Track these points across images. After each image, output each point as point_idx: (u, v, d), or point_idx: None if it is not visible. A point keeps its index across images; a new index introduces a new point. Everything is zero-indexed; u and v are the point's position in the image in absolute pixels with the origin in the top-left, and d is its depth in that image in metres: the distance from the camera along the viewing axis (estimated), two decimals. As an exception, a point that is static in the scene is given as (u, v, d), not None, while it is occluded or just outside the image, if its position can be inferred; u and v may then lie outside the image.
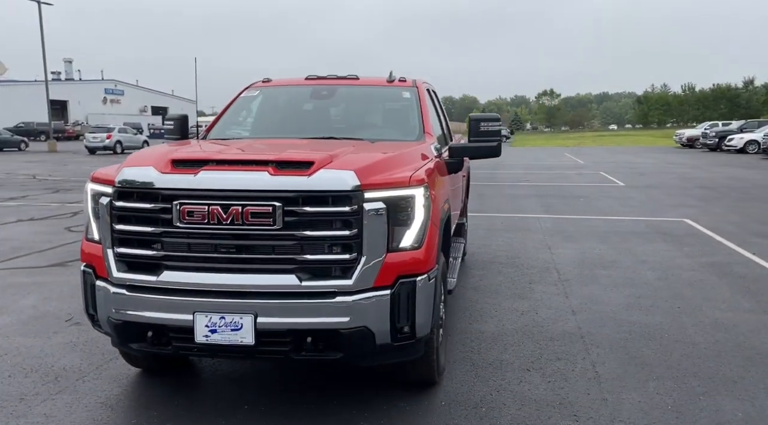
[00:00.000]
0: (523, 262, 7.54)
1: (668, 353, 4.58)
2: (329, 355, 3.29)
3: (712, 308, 5.65)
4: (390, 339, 3.31)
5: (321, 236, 3.16)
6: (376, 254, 3.21)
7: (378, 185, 3.23)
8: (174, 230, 3.20)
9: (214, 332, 3.17)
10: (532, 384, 4.04)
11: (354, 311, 3.17)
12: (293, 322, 3.16)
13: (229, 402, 3.77)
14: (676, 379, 4.12)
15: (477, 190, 15.83)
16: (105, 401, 3.75)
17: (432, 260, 3.45)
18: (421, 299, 3.35)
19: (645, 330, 5.07)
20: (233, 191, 3.15)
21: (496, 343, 4.78)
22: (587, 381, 4.08)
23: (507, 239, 9.00)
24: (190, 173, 3.22)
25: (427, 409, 3.68)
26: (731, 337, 4.91)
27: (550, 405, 3.73)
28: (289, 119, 5.07)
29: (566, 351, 4.63)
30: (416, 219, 3.36)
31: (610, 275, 6.90)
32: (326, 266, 3.20)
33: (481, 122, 4.68)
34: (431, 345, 3.70)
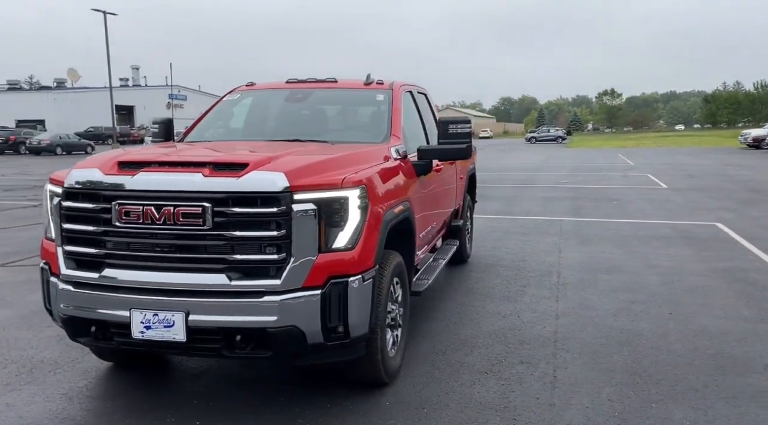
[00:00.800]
0: (527, 265, 7.44)
1: (639, 360, 4.47)
2: (260, 353, 3.38)
3: (706, 315, 5.46)
4: (322, 339, 3.38)
5: (250, 236, 3.26)
6: (306, 254, 3.28)
7: (309, 186, 3.30)
8: (113, 229, 3.36)
9: (149, 328, 3.32)
10: (484, 387, 4.02)
11: (281, 310, 3.25)
12: (223, 320, 3.27)
13: (182, 397, 3.92)
14: (635, 386, 4.02)
15: (510, 192, 15.70)
16: (67, 392, 3.95)
17: (367, 262, 3.49)
18: (355, 300, 3.40)
19: (624, 336, 4.95)
20: (165, 191, 3.29)
21: (465, 346, 4.77)
22: (541, 386, 4.03)
23: (520, 242, 8.89)
24: (128, 175, 3.38)
25: (370, 408, 3.72)
26: (713, 345, 4.74)
27: (493, 409, 3.71)
28: (263, 122, 5.21)
29: (532, 355, 4.57)
30: (350, 221, 3.41)
31: (611, 279, 6.74)
32: (255, 266, 3.30)
33: (450, 124, 4.69)
34: (374, 345, 3.74)
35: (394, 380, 4.10)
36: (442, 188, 5.68)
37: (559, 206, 13.04)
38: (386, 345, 3.89)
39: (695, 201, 13.50)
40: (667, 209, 12.33)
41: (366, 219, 3.49)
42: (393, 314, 4.07)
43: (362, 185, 3.48)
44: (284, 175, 3.27)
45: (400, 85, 5.23)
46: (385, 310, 3.84)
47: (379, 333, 3.75)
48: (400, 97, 5.05)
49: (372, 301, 3.56)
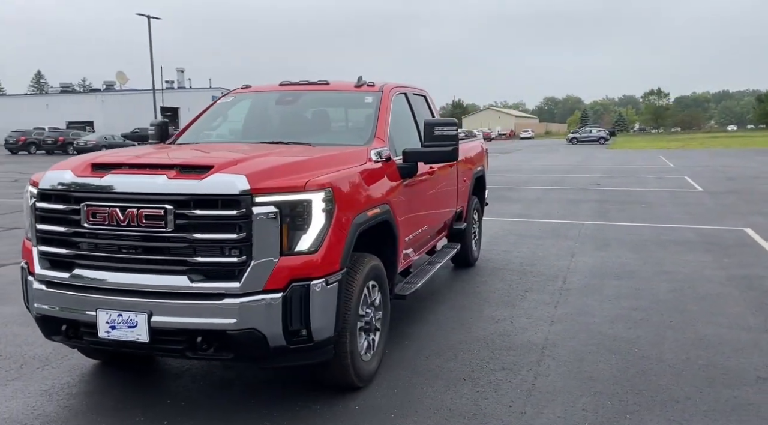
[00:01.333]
0: (534, 269, 7.32)
1: (625, 369, 4.34)
2: (222, 355, 3.41)
3: (708, 324, 5.28)
4: (285, 342, 3.38)
5: (211, 238, 3.29)
6: (267, 257, 3.30)
7: (270, 189, 3.31)
8: (82, 230, 3.44)
9: (114, 328, 3.38)
10: (458, 393, 3.97)
11: (241, 313, 3.27)
12: (184, 322, 3.31)
13: (156, 396, 3.98)
14: (614, 396, 3.91)
15: (536, 194, 15.48)
16: (48, 389, 4.06)
17: (331, 264, 3.48)
18: (318, 303, 3.40)
19: (616, 344, 4.82)
20: (129, 193, 3.35)
21: (450, 351, 4.71)
22: (517, 393, 3.96)
23: (533, 246, 8.75)
24: (98, 177, 3.45)
25: (337, 412, 3.72)
26: (707, 355, 4.57)
27: (463, 416, 3.66)
28: (252, 124, 5.26)
29: (516, 361, 4.49)
30: (314, 224, 3.41)
31: (619, 285, 6.57)
32: (217, 269, 3.33)
33: (436, 127, 4.65)
34: (343, 349, 3.73)
35: (369, 384, 4.08)
36: (437, 191, 5.63)
37: (583, 209, 12.79)
38: (357, 348, 3.87)
39: (729, 205, 13.06)
40: (697, 213, 11.96)
41: (331, 222, 3.49)
42: (368, 318, 4.05)
43: (327, 188, 3.47)
44: (245, 178, 3.29)
45: (391, 88, 5.21)
46: (356, 313, 3.83)
47: (348, 337, 3.73)
48: (389, 99, 5.03)
49: (338, 304, 3.55)
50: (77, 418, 3.65)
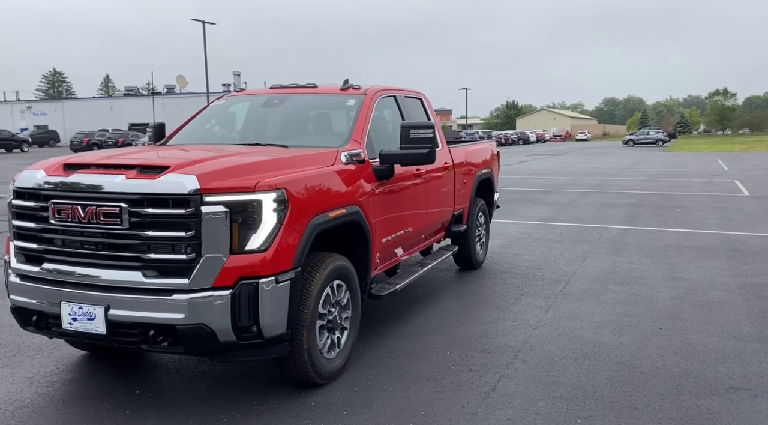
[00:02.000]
0: (539, 273, 7.24)
1: (594, 374, 4.29)
2: (175, 349, 3.56)
3: (699, 332, 5.14)
4: (235, 338, 3.50)
5: (162, 236, 3.44)
6: (216, 255, 3.42)
7: (220, 189, 3.44)
8: (49, 226, 3.65)
9: (75, 320, 3.57)
10: (416, 392, 4.01)
11: (189, 308, 3.40)
12: (138, 316, 3.47)
13: (127, 386, 4.17)
14: (572, 401, 3.87)
15: (570, 197, 15.22)
16: (31, 377, 4.30)
17: (283, 263, 3.58)
18: (268, 301, 3.51)
19: (594, 349, 4.75)
20: (89, 192, 3.53)
21: (424, 351, 4.75)
22: (475, 395, 3.97)
23: (547, 250, 8.64)
24: (64, 176, 3.66)
25: (292, 407, 3.81)
26: (685, 363, 4.47)
27: (413, 415, 3.70)
28: (237, 126, 5.42)
29: (486, 364, 4.49)
30: (264, 223, 3.52)
31: (620, 291, 6.45)
32: (168, 265, 3.47)
33: (411, 129, 4.70)
34: (299, 346, 3.82)
35: (333, 381, 4.16)
36: (427, 192, 5.66)
37: (614, 213, 12.51)
38: (316, 346, 3.95)
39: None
40: (733, 219, 11.54)
41: (283, 222, 3.59)
42: (331, 317, 4.13)
43: (279, 188, 3.58)
44: (196, 178, 3.42)
45: (375, 91, 5.27)
46: (315, 312, 3.91)
47: (305, 335, 3.82)
48: (372, 103, 5.10)
49: (290, 302, 3.64)
50: (48, 405, 3.86)
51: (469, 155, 6.97)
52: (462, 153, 6.80)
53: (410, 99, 6.03)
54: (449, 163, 6.27)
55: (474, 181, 7.08)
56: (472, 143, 7.65)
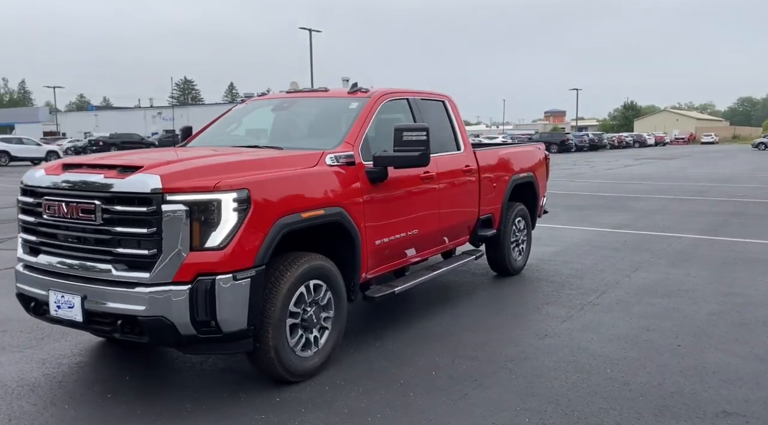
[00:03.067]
0: (578, 283, 6.93)
1: (578, 389, 4.09)
2: (141, 339, 3.78)
3: (721, 352, 4.76)
4: (195, 332, 3.67)
5: (129, 232, 3.68)
6: (176, 251, 3.61)
7: (181, 189, 3.62)
8: (43, 220, 4.00)
9: (60, 308, 3.89)
10: (382, 397, 3.99)
11: (150, 301, 3.61)
12: (108, 306, 3.72)
13: (119, 372, 4.46)
14: (536, 414, 3.73)
15: (658, 204, 14.44)
16: (46, 358, 4.69)
17: (242, 261, 3.70)
18: (225, 297, 3.65)
19: (591, 363, 4.53)
20: (71, 189, 3.84)
21: (412, 356, 4.71)
22: (441, 402, 3.91)
23: (599, 259, 8.24)
24: (57, 174, 3.99)
25: (256, 402, 3.92)
26: (684, 383, 4.16)
27: (366, 416, 3.71)
28: (246, 130, 5.62)
29: (469, 371, 4.40)
30: (224, 222, 3.66)
31: (656, 304, 6.06)
32: (134, 260, 3.70)
33: (404, 132, 4.69)
34: (265, 343, 3.93)
35: (308, 379, 4.22)
36: (439, 195, 5.59)
37: (698, 221, 11.67)
38: (284, 344, 4.03)
39: None
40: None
41: (244, 221, 3.71)
42: (306, 316, 4.20)
43: (241, 188, 3.71)
44: (159, 178, 3.62)
45: (381, 94, 5.29)
46: (284, 310, 4.00)
47: (270, 332, 3.93)
48: (375, 106, 5.12)
49: (251, 299, 3.76)
50: (46, 385, 4.21)
51: (501, 159, 6.81)
52: (491, 156, 6.66)
53: (429, 102, 5.99)
54: (471, 166, 6.16)
55: (508, 185, 6.89)
56: (507, 147, 7.45)
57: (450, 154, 5.98)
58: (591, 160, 37.61)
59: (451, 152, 6.03)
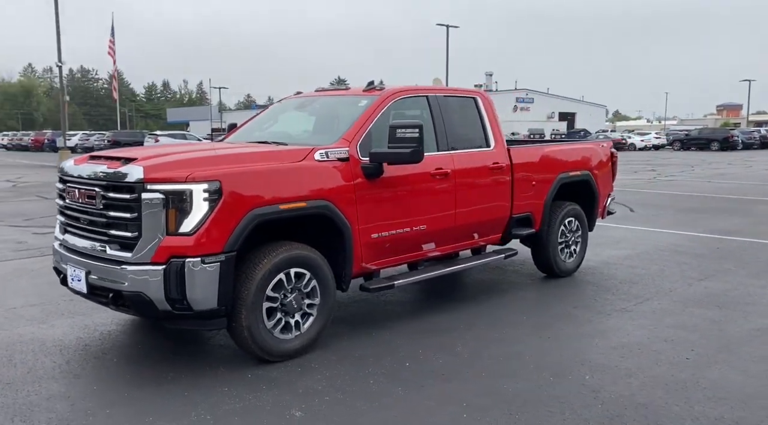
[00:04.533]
0: (627, 288, 6.57)
1: (534, 392, 3.99)
2: (128, 311, 4.26)
3: (733, 369, 4.39)
4: (170, 308, 4.08)
5: (118, 216, 4.17)
6: (153, 235, 4.03)
7: (159, 179, 4.04)
8: (67, 204, 4.61)
9: (73, 280, 4.48)
10: (331, 381, 4.16)
11: (131, 278, 4.07)
12: (102, 280, 4.24)
13: (137, 341, 5.01)
14: (459, 407, 3.74)
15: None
16: (89, 325, 5.34)
17: (211, 247, 4.05)
18: (195, 278, 4.01)
19: (571, 369, 4.37)
20: (81, 177, 4.40)
21: (397, 348, 4.79)
22: (377, 389, 4.03)
23: (672, 265, 7.69)
24: (80, 165, 4.57)
25: (229, 376, 4.25)
26: (666, 399, 3.90)
27: (306, 396, 3.89)
28: (269, 127, 5.95)
29: (436, 366, 4.43)
30: (195, 210, 4.03)
31: (697, 315, 5.64)
32: (122, 241, 4.18)
33: (398, 129, 4.79)
34: (239, 323, 4.25)
35: (288, 360, 4.49)
36: (455, 192, 5.59)
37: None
38: (258, 325, 4.32)
39: None
40: None
41: (214, 210, 4.05)
42: (286, 301, 4.46)
43: (213, 180, 4.05)
44: (142, 169, 4.07)
45: (392, 92, 5.40)
46: (260, 294, 4.29)
47: (244, 313, 4.24)
48: (383, 104, 5.24)
49: (221, 282, 4.09)
50: (72, 345, 4.86)
51: (544, 157, 6.62)
52: (530, 154, 6.50)
53: (455, 99, 5.99)
54: (501, 163, 6.07)
55: (553, 183, 6.68)
56: (554, 144, 7.20)
57: (475, 150, 5.94)
58: (753, 159, 34.17)
59: (478, 148, 5.99)
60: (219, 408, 3.77)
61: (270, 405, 3.83)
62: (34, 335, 5.11)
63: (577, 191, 7.16)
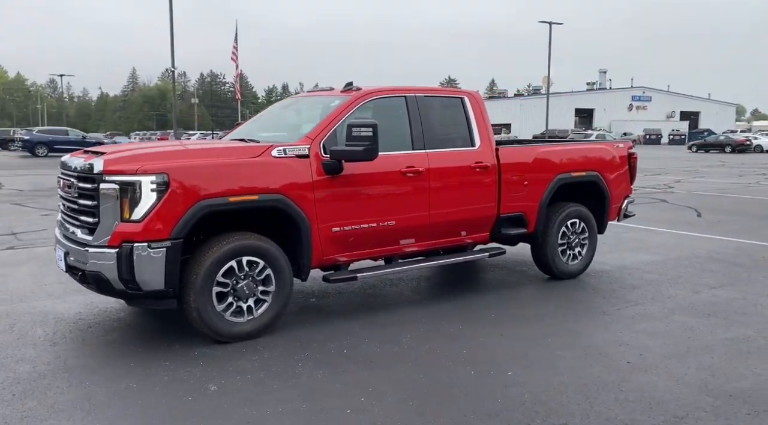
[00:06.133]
0: (622, 293, 6.39)
1: (441, 383, 4.09)
2: (93, 289, 4.79)
3: (666, 374, 4.27)
4: (123, 287, 4.56)
5: (85, 203, 4.71)
6: (110, 221, 4.53)
7: (114, 171, 4.54)
8: (60, 193, 5.24)
9: (58, 260, 5.08)
10: (270, 360, 4.46)
11: (91, 259, 4.58)
12: (76, 261, 4.79)
13: (130, 320, 5.56)
14: (359, 391, 3.91)
15: None
16: (94, 301, 5.97)
17: (157, 233, 4.46)
18: (142, 262, 4.46)
19: (498, 367, 4.40)
20: (66, 169, 4.99)
21: (344, 338, 4.99)
22: (291, 375, 4.25)
23: (691, 272, 7.32)
24: (71, 157, 5.18)
25: (177, 352, 4.66)
26: (551, 397, 3.88)
27: (223, 375, 4.22)
28: (263, 124, 6.35)
29: (374, 355, 4.61)
30: (143, 200, 4.48)
31: (682, 323, 5.41)
32: (88, 226, 4.72)
33: (354, 128, 5.02)
34: (188, 304, 4.67)
35: (239, 341, 4.84)
36: (429, 189, 5.72)
37: None
38: (209, 308, 4.70)
39: None
40: None
41: (162, 200, 4.48)
42: (238, 286, 4.82)
43: (159, 173, 4.48)
44: (102, 162, 4.58)
45: (365, 93, 5.61)
46: (209, 279, 4.66)
47: (192, 296, 4.65)
48: (353, 104, 5.46)
49: (167, 266, 4.51)
50: (71, 319, 5.48)
51: (538, 157, 6.55)
52: (521, 154, 6.47)
53: (438, 99, 6.10)
54: (484, 162, 6.11)
55: (550, 184, 6.59)
56: (553, 144, 7.06)
57: (456, 150, 6.03)
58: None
59: (461, 148, 6.07)
60: (148, 379, 4.19)
61: (195, 379, 4.19)
62: (45, 308, 5.81)
63: (584, 193, 7.01)
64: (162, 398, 3.91)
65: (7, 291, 6.38)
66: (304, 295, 6.26)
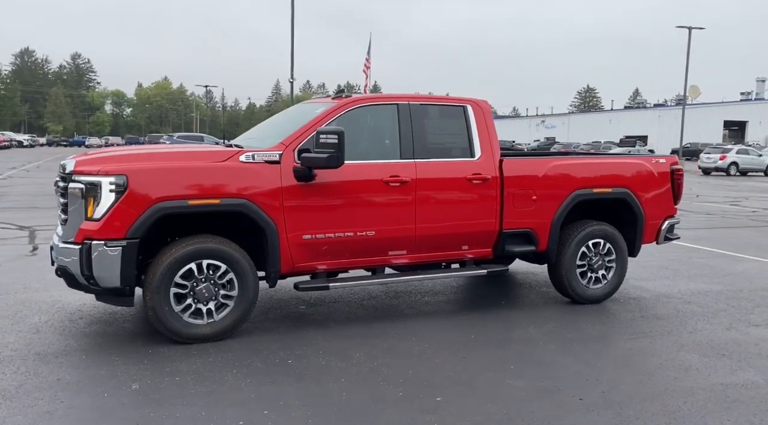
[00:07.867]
0: (643, 324, 5.77)
1: (356, 400, 3.88)
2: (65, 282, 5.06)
3: (611, 417, 3.75)
4: (86, 282, 4.80)
5: (62, 202, 5.02)
6: (76, 219, 4.79)
7: (81, 172, 4.80)
8: None
9: (51, 254, 5.45)
10: (218, 361, 4.48)
11: (60, 254, 4.87)
12: (54, 255, 5.11)
13: (122, 316, 5.84)
14: (293, 398, 3.79)
15: None
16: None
17: (114, 233, 4.64)
18: (99, 259, 4.66)
19: (430, 390, 4.11)
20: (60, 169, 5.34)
21: (306, 347, 4.92)
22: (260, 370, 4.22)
23: (738, 306, 6.46)
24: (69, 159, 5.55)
25: (137, 350, 4.80)
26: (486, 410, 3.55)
27: (172, 377, 4.28)
28: (254, 131, 6.40)
29: (323, 361, 4.48)
30: (103, 200, 4.68)
31: (682, 360, 4.80)
32: (63, 223, 5.01)
33: (321, 135, 4.95)
34: (147, 304, 4.81)
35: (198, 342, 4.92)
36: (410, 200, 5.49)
37: None
38: (165, 308, 4.79)
39: None
40: None
41: (119, 201, 4.66)
42: (197, 289, 4.89)
43: (118, 175, 4.67)
44: (74, 163, 4.86)
45: (349, 101, 5.48)
46: (166, 280, 4.77)
47: (149, 295, 4.79)
48: (335, 112, 5.36)
49: (122, 264, 4.68)
50: (71, 308, 5.85)
51: (553, 170, 6.06)
52: (533, 166, 6.02)
53: (438, 107, 5.86)
54: (483, 174, 5.76)
55: (565, 200, 6.08)
56: (574, 156, 6.47)
57: (451, 160, 5.74)
58: None
59: (456, 158, 5.78)
60: (84, 373, 4.36)
61: (125, 376, 4.30)
62: (53, 298, 6.24)
63: (612, 211, 6.42)
64: (82, 394, 4.02)
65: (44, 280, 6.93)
66: (295, 302, 6.24)
